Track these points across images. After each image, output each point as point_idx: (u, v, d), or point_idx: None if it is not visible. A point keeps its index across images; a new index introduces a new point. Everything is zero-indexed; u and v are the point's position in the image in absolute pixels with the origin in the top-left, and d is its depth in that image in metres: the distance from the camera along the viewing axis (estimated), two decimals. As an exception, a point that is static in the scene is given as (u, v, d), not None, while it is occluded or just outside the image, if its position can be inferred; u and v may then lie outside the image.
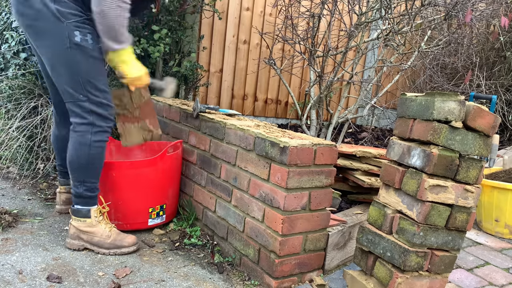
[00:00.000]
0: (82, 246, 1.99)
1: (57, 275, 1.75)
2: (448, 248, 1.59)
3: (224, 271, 1.96)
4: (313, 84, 3.03)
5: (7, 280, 1.68)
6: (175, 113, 2.56)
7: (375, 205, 1.70)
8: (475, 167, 1.54)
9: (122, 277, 1.80)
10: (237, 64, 3.70)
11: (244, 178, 1.96)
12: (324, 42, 3.38)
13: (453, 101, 1.48)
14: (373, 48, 3.46)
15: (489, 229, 2.63)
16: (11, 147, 2.71)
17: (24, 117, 2.70)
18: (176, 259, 2.03)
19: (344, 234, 2.01)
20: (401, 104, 1.65)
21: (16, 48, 2.64)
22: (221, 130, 2.12)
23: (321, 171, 1.81)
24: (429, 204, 1.51)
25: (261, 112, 3.91)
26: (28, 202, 2.46)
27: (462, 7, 2.74)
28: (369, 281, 1.69)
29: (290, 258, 1.82)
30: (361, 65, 4.29)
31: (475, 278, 2.07)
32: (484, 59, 4.15)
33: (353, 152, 2.40)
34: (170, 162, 2.25)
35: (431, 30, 3.21)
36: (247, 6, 3.64)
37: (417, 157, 1.54)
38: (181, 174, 2.45)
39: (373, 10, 2.88)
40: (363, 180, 2.32)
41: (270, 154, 1.80)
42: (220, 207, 2.14)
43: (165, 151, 2.19)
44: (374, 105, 3.16)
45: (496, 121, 1.54)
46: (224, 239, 2.12)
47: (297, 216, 1.79)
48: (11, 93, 2.69)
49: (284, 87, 3.90)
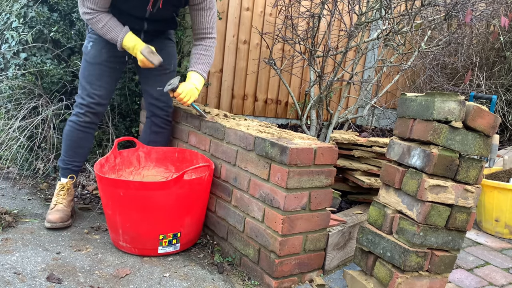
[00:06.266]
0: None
1: (57, 275, 1.75)
2: (448, 248, 1.59)
3: (224, 271, 1.96)
4: (313, 84, 3.03)
5: (7, 280, 1.68)
6: (175, 113, 2.56)
7: (375, 205, 1.70)
8: (475, 167, 1.54)
9: (122, 277, 1.80)
10: (237, 64, 3.70)
11: (244, 178, 1.96)
12: (324, 42, 3.38)
13: (453, 101, 1.48)
14: (373, 48, 3.46)
15: (489, 229, 2.63)
16: (11, 147, 2.71)
17: (24, 117, 2.70)
18: (176, 259, 2.03)
19: (344, 234, 2.01)
20: (401, 104, 1.65)
21: (16, 48, 2.64)
22: (221, 130, 2.12)
23: (321, 171, 1.81)
24: (429, 204, 1.51)
25: (261, 112, 3.90)
26: (28, 202, 2.46)
27: (462, 7, 2.74)
28: (369, 281, 1.69)
29: (290, 258, 1.82)
30: (361, 65, 4.29)
31: (475, 278, 2.06)
32: (484, 59, 4.15)
33: (364, 142, 2.39)
34: (188, 187, 1.97)
35: (431, 30, 3.21)
36: (247, 6, 3.64)
37: (417, 157, 1.54)
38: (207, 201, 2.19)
39: (373, 10, 2.88)
40: (363, 180, 2.32)
41: (270, 154, 1.80)
42: (220, 207, 2.14)
43: (181, 175, 1.92)
44: (374, 105, 3.16)
45: (496, 121, 1.54)
46: (224, 239, 2.12)
47: (297, 216, 1.79)
48: (11, 93, 2.69)
49: (284, 87, 3.90)
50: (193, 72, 2.25)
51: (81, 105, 2.25)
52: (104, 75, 2.24)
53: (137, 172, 2.36)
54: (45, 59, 2.68)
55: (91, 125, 2.28)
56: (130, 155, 2.34)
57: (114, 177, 2.21)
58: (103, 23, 2.09)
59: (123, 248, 2.03)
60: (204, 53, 2.27)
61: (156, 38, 2.33)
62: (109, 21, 2.10)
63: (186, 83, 2.20)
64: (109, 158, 2.23)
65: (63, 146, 2.30)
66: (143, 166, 2.38)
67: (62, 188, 2.28)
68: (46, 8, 2.64)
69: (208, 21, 2.25)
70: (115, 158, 2.27)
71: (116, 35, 2.11)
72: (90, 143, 2.33)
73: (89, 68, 2.24)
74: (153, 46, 2.21)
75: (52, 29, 2.63)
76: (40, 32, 2.65)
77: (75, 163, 2.31)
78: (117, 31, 2.11)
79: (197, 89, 2.22)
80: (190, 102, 2.20)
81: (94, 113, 2.26)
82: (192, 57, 2.28)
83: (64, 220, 2.18)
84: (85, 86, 2.24)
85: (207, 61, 2.27)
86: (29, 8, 2.61)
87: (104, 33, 2.12)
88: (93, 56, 2.23)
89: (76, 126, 2.25)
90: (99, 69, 2.23)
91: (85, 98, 2.24)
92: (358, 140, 2.42)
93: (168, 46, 2.39)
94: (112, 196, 1.94)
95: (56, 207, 2.22)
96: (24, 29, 2.62)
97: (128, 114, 2.96)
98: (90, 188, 2.69)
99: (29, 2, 2.62)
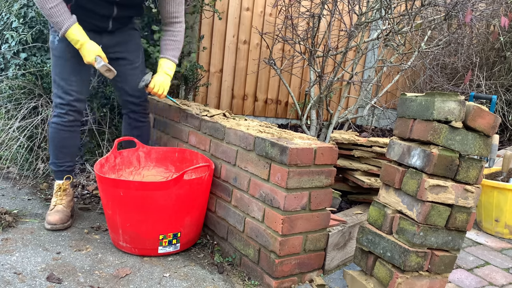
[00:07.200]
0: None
1: (57, 275, 1.75)
2: (448, 248, 1.59)
3: (224, 271, 1.96)
4: (313, 84, 3.03)
5: (7, 280, 1.68)
6: (175, 113, 2.56)
7: (375, 205, 1.70)
8: (475, 167, 1.54)
9: (122, 277, 1.80)
10: (237, 64, 3.70)
11: (244, 178, 1.96)
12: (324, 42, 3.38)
13: (453, 101, 1.48)
14: (373, 48, 3.47)
15: (489, 229, 2.63)
16: (11, 147, 2.71)
17: (24, 117, 2.70)
18: (176, 259, 2.03)
19: (344, 234, 2.01)
20: (401, 104, 1.65)
21: (16, 48, 2.64)
22: (221, 130, 2.12)
23: (321, 171, 1.81)
24: (429, 204, 1.51)
25: (261, 112, 3.91)
26: (28, 202, 2.46)
27: (462, 7, 2.74)
28: (369, 281, 1.69)
29: (290, 258, 1.82)
30: (361, 65, 4.29)
31: (475, 278, 2.06)
32: (484, 59, 4.15)
33: (364, 142, 2.39)
34: (188, 187, 1.96)
35: (431, 30, 3.21)
36: (247, 6, 3.64)
37: (417, 157, 1.54)
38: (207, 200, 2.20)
39: (373, 10, 2.88)
40: (363, 180, 2.32)
41: (270, 154, 1.80)
42: (220, 207, 2.14)
43: (181, 175, 1.92)
44: (374, 105, 3.16)
45: (496, 121, 1.54)
46: (224, 239, 2.12)
47: (297, 216, 1.79)
48: (11, 93, 2.69)
49: (284, 87, 3.90)
50: (163, 59, 2.29)
51: (61, 105, 2.18)
52: (77, 69, 2.16)
53: (137, 172, 2.36)
54: (45, 59, 2.68)
55: (75, 123, 2.24)
56: (130, 155, 2.34)
57: (114, 177, 2.21)
58: (53, 3, 1.96)
59: (123, 248, 2.03)
60: (173, 38, 2.30)
61: (123, 26, 2.28)
62: (59, 4, 1.98)
63: (158, 75, 2.24)
64: (109, 158, 2.23)
65: (51, 149, 2.26)
66: (143, 166, 2.38)
67: (59, 189, 2.26)
68: (46, 8, 2.64)
69: (175, 5, 2.26)
70: (115, 158, 2.27)
71: (63, 21, 1.99)
72: (77, 141, 2.31)
73: (60, 63, 2.16)
74: (120, 37, 2.25)
75: (52, 29, 2.63)
76: (40, 32, 2.65)
77: (67, 164, 2.28)
78: (65, 17, 2.00)
79: (169, 75, 2.28)
80: (165, 94, 2.25)
81: (76, 111, 2.21)
82: (162, 44, 2.32)
83: (64, 221, 2.18)
84: (59, 83, 2.16)
85: (177, 46, 2.31)
86: (29, 8, 2.61)
87: (50, 14, 1.98)
88: (62, 50, 2.14)
89: (59, 127, 2.21)
90: (71, 63, 2.15)
91: (63, 96, 2.17)
92: (358, 140, 2.42)
93: (134, 37, 2.36)
94: (112, 196, 1.94)
95: (56, 208, 2.21)
96: (24, 29, 2.62)
97: (128, 114, 2.96)
98: (90, 188, 2.69)
99: (29, 2, 2.62)
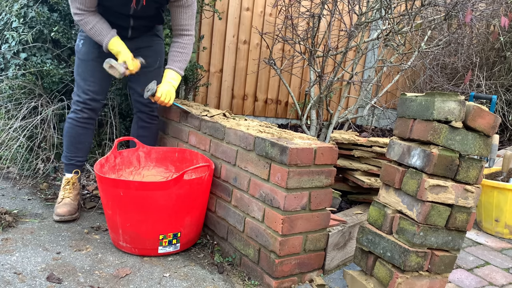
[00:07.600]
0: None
1: (57, 275, 1.75)
2: (448, 248, 1.59)
3: (224, 271, 1.97)
4: (313, 84, 3.03)
5: (7, 280, 1.68)
6: (175, 113, 2.56)
7: (375, 205, 1.70)
8: (475, 167, 1.54)
9: (122, 277, 1.80)
10: (237, 64, 3.70)
11: (244, 178, 1.96)
12: (324, 42, 3.38)
13: (453, 101, 1.48)
14: (373, 48, 3.47)
15: (489, 229, 2.63)
16: (11, 147, 2.71)
17: (24, 117, 2.70)
18: (176, 259, 2.03)
19: (344, 234, 2.01)
20: (401, 104, 1.65)
21: (16, 48, 2.64)
22: (221, 130, 2.12)
23: (321, 171, 1.81)
24: (429, 204, 1.51)
25: (261, 112, 3.91)
26: (28, 202, 2.46)
27: (462, 7, 2.74)
28: (369, 281, 1.69)
29: (290, 258, 1.82)
30: (361, 65, 4.29)
31: (475, 278, 2.07)
32: (484, 59, 4.15)
33: (364, 142, 2.39)
34: (188, 187, 1.96)
35: (431, 30, 3.21)
36: (247, 6, 3.64)
37: (417, 157, 1.54)
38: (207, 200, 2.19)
39: (373, 10, 2.88)
40: (363, 180, 2.32)
41: (270, 154, 1.80)
42: (220, 207, 2.14)
43: (181, 175, 1.92)
44: (374, 105, 3.16)
45: (496, 121, 1.54)
46: (224, 239, 2.12)
47: (297, 216, 1.79)
48: (11, 93, 2.69)
49: (284, 87, 3.90)
50: (169, 70, 2.33)
51: (77, 102, 2.32)
52: (97, 71, 2.29)
53: (137, 172, 2.36)
54: (45, 59, 2.68)
55: (90, 120, 2.36)
56: (130, 155, 2.35)
57: (114, 177, 2.21)
58: (91, 25, 2.16)
59: (123, 248, 2.03)
60: (181, 50, 2.34)
61: (144, 34, 2.40)
62: (97, 24, 2.17)
63: (163, 85, 2.28)
64: (109, 158, 2.23)
65: (65, 143, 2.38)
66: (143, 166, 2.38)
67: (68, 183, 2.36)
68: (46, 8, 2.64)
69: (187, 18, 2.31)
70: (115, 158, 2.27)
71: (102, 39, 2.19)
72: (90, 138, 2.42)
73: (82, 65, 2.31)
74: (140, 43, 2.36)
75: (52, 29, 2.63)
76: (40, 32, 2.65)
77: (78, 158, 2.39)
78: (103, 34, 2.19)
79: (174, 87, 2.32)
80: (171, 102, 2.29)
81: (91, 109, 2.34)
82: (170, 54, 2.37)
83: (72, 213, 2.27)
84: (79, 83, 2.32)
85: (184, 59, 2.36)
86: (29, 8, 2.61)
87: (92, 35, 2.20)
88: (85, 53, 2.30)
89: (75, 123, 2.33)
90: (91, 65, 2.30)
91: (80, 95, 2.31)
92: (358, 140, 2.42)
93: (155, 43, 2.46)
94: (112, 196, 1.94)
95: (64, 201, 2.30)
96: (24, 29, 2.62)
97: (128, 114, 2.96)
98: (90, 188, 2.69)
99: (29, 2, 2.62)
